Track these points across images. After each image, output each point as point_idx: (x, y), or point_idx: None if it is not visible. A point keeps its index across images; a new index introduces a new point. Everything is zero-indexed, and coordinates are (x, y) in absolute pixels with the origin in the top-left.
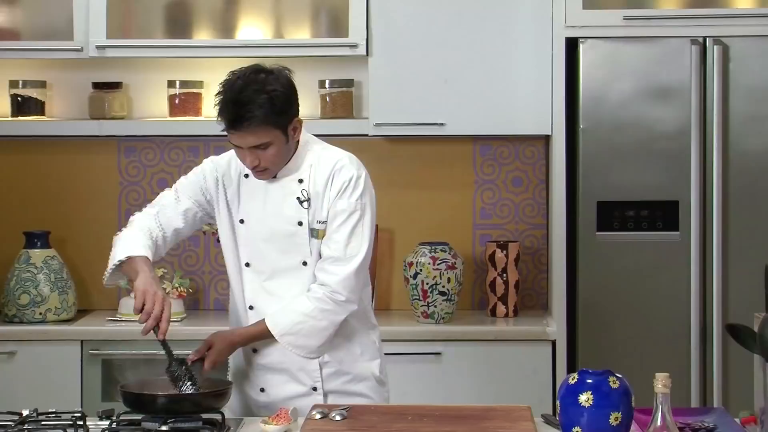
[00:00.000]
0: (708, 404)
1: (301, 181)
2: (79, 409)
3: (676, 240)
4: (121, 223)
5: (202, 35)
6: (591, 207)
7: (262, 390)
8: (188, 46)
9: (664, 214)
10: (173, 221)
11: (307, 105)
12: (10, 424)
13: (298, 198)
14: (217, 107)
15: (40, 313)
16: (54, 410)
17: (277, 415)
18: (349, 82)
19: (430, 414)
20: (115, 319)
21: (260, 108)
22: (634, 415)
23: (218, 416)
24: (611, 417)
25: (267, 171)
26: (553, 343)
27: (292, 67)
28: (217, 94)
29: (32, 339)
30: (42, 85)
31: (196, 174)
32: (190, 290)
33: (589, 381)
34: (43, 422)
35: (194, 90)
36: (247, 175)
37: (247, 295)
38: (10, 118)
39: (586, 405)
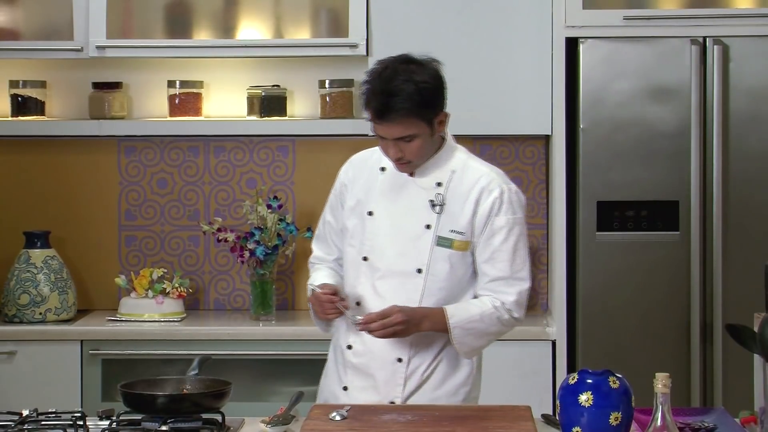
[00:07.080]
0: (708, 404)
1: (439, 184)
2: (79, 409)
3: (676, 240)
4: (121, 222)
5: (202, 35)
6: (591, 207)
7: (345, 389)
8: (188, 46)
9: (664, 214)
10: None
11: (307, 105)
12: (10, 424)
13: (431, 201)
14: (364, 97)
15: (40, 313)
16: (54, 410)
17: (277, 415)
18: (349, 82)
19: (430, 414)
20: (115, 319)
21: (408, 100)
22: (634, 415)
23: (218, 416)
24: (611, 417)
25: (410, 164)
26: (553, 343)
27: (292, 67)
28: (364, 83)
29: (32, 339)
30: (42, 85)
31: (335, 196)
32: (190, 290)
33: (589, 381)
34: (43, 422)
35: (194, 90)
36: (383, 169)
37: (359, 291)
38: (10, 118)
39: (586, 405)
